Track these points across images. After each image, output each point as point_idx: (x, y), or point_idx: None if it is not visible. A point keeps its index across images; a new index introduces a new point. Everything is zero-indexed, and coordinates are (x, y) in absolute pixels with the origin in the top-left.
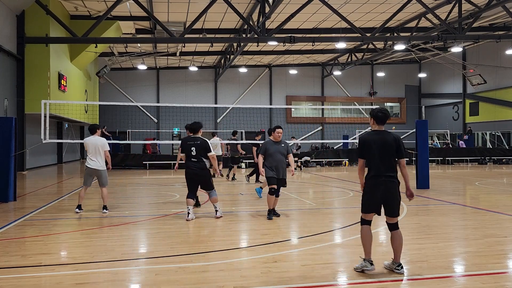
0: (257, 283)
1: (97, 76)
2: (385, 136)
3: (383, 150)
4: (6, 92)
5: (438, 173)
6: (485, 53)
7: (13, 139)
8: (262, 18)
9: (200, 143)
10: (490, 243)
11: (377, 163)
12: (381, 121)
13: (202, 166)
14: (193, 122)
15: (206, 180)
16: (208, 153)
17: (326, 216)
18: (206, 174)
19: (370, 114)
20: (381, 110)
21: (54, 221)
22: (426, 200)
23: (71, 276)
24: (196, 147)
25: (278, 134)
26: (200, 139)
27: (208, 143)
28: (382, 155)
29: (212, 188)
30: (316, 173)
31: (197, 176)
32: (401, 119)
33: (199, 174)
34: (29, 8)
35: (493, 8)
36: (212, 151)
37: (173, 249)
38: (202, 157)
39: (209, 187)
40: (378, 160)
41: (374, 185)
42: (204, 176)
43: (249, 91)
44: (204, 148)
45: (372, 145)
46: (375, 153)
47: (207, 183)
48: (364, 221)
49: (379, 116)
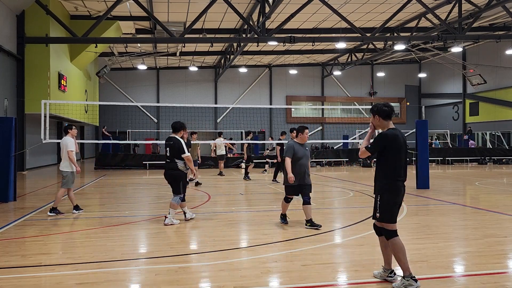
0: (257, 283)
1: (97, 76)
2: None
3: (406, 152)
4: (6, 92)
5: (438, 173)
6: (485, 53)
7: (13, 139)
8: (262, 18)
9: (173, 143)
10: (490, 243)
11: (403, 166)
12: (388, 116)
13: (174, 167)
14: (176, 121)
15: (175, 182)
16: (182, 154)
17: (326, 216)
18: (176, 175)
19: (373, 111)
20: (385, 104)
21: (54, 221)
22: (426, 200)
23: (71, 276)
24: (170, 147)
25: (307, 135)
26: (174, 139)
27: (182, 144)
28: (405, 158)
29: (178, 193)
30: (316, 173)
31: (168, 177)
32: (401, 119)
33: (169, 174)
34: (29, 8)
35: (493, 8)
36: (187, 152)
37: (173, 249)
38: (175, 158)
39: (176, 190)
40: (403, 163)
41: (401, 192)
42: (174, 177)
43: (249, 91)
44: (177, 149)
45: (402, 146)
46: (402, 155)
47: (176, 186)
48: (395, 232)
49: (385, 111)
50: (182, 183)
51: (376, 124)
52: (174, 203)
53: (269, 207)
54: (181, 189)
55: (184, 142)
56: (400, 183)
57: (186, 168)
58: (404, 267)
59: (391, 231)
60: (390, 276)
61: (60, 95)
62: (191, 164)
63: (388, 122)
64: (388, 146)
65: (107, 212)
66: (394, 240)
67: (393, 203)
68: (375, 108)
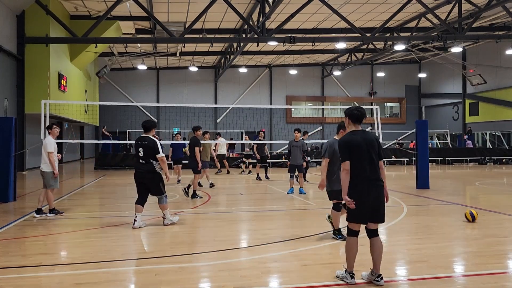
0: (257, 283)
1: (97, 76)
2: (369, 136)
3: (370, 151)
4: (6, 92)
5: (438, 173)
6: (485, 53)
7: (13, 139)
8: (262, 18)
9: (148, 143)
10: (490, 243)
11: (365, 166)
12: (358, 120)
13: (150, 168)
14: (146, 120)
15: (154, 184)
16: (156, 154)
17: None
18: (154, 177)
19: (345, 113)
20: (357, 108)
21: (54, 221)
22: (426, 200)
23: (71, 276)
24: (143, 147)
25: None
26: (148, 139)
27: (157, 144)
28: (370, 157)
29: (161, 194)
30: (316, 173)
31: (144, 179)
32: (401, 119)
33: (146, 177)
34: (29, 8)
35: (493, 8)
36: (161, 153)
37: (173, 249)
38: (150, 158)
39: (158, 192)
40: (366, 163)
41: (365, 191)
42: (152, 180)
43: (249, 91)
44: (151, 149)
45: (360, 146)
46: (363, 155)
47: (155, 188)
48: (352, 231)
49: (354, 115)
50: (162, 183)
51: (346, 125)
52: (164, 204)
53: (269, 207)
54: (163, 189)
55: (158, 142)
56: (364, 183)
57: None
58: (347, 264)
59: (349, 229)
60: (377, 280)
61: (60, 95)
62: (165, 166)
63: (355, 126)
64: (346, 148)
65: (107, 212)
66: (348, 239)
67: (358, 204)
68: (347, 111)
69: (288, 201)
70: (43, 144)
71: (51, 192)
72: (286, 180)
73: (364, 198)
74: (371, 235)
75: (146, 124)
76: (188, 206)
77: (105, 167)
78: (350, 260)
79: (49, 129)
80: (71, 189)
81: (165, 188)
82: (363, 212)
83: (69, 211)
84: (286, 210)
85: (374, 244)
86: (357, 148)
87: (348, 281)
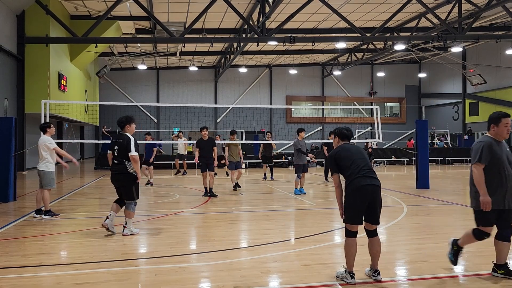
0: (257, 283)
1: (97, 76)
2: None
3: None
4: (6, 92)
5: (438, 173)
6: (485, 53)
7: (13, 139)
8: (262, 18)
9: (122, 141)
10: (490, 243)
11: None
12: (346, 137)
13: (122, 169)
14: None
15: (125, 187)
16: (128, 152)
17: (326, 216)
18: (126, 179)
19: (334, 133)
20: (346, 128)
21: (54, 221)
22: (426, 200)
23: (71, 276)
24: (118, 146)
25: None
26: (124, 136)
27: (131, 142)
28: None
29: (131, 199)
30: (316, 173)
31: (117, 181)
32: (401, 119)
33: (118, 179)
34: (29, 8)
35: (493, 8)
36: (133, 151)
37: (173, 249)
38: (123, 158)
39: (129, 196)
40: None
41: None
42: (123, 182)
43: (249, 91)
44: (125, 148)
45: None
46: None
47: (127, 191)
48: (350, 232)
49: (343, 133)
50: (135, 187)
51: (334, 144)
52: (130, 211)
53: (269, 207)
54: (135, 194)
55: (133, 140)
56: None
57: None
58: (347, 264)
59: (346, 230)
60: (374, 276)
61: (60, 95)
62: (137, 165)
63: (343, 142)
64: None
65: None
66: (346, 240)
67: (353, 205)
68: (336, 130)
69: (288, 201)
70: (41, 143)
71: (48, 193)
72: (287, 180)
73: (359, 200)
74: (370, 235)
75: (119, 120)
76: (188, 206)
77: (105, 167)
78: (349, 260)
79: (46, 128)
80: (71, 189)
81: (138, 194)
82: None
83: (69, 211)
84: (286, 210)
85: (372, 242)
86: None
87: (348, 281)
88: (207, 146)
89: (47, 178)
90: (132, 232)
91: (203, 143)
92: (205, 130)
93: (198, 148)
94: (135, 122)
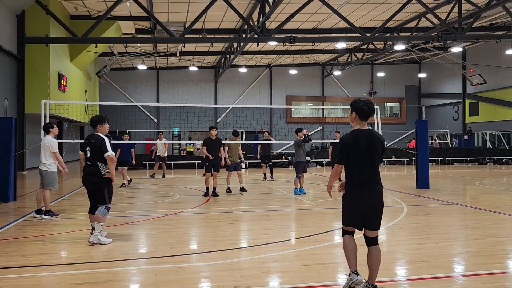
0: (257, 283)
1: (97, 76)
2: (373, 134)
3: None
4: (6, 92)
5: (438, 173)
6: (485, 53)
7: (13, 139)
8: (262, 18)
9: (95, 142)
10: (490, 243)
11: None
12: (366, 116)
13: (94, 171)
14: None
15: (98, 190)
16: (104, 153)
17: (326, 216)
18: (99, 182)
19: (352, 106)
20: (366, 103)
21: (54, 221)
22: (426, 200)
23: (71, 276)
24: (90, 147)
25: None
26: (96, 137)
27: (105, 142)
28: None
29: (103, 203)
30: (316, 173)
31: (89, 184)
32: (401, 119)
33: (90, 181)
34: (29, 8)
35: (493, 8)
36: (110, 151)
37: (173, 249)
38: (96, 160)
39: (100, 200)
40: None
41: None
42: (96, 185)
43: (249, 91)
44: (98, 149)
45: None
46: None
47: (99, 195)
48: (346, 231)
49: (364, 110)
50: (108, 190)
51: (351, 120)
52: (99, 215)
53: (269, 207)
54: (107, 198)
55: (107, 140)
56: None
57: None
58: (348, 264)
59: (343, 230)
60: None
61: (60, 95)
62: (113, 166)
63: (361, 122)
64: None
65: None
66: (343, 239)
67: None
68: (356, 104)
69: (288, 201)
70: (44, 144)
71: (49, 192)
72: (286, 180)
73: (356, 202)
74: (369, 244)
75: (91, 119)
76: (188, 206)
77: None
78: (349, 260)
79: (50, 128)
80: (71, 189)
81: (111, 199)
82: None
83: (69, 211)
84: (286, 210)
85: (371, 252)
86: (357, 149)
87: (355, 279)
88: (214, 146)
89: (49, 178)
90: (99, 241)
91: (210, 142)
92: (214, 129)
93: (205, 147)
94: (109, 122)
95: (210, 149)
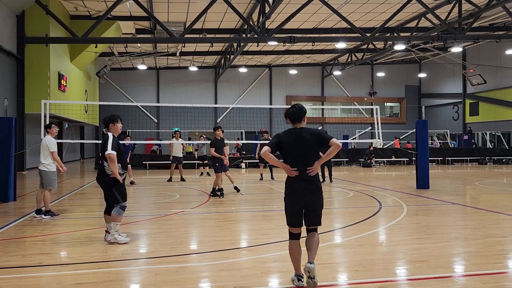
0: (257, 283)
1: (97, 76)
2: (301, 134)
3: (301, 149)
4: (6, 92)
5: (438, 173)
6: (485, 53)
7: (13, 139)
8: (262, 18)
9: (103, 140)
10: (490, 243)
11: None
12: (295, 118)
13: (101, 170)
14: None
15: (107, 190)
16: (105, 151)
17: (326, 216)
18: (106, 182)
19: (285, 114)
20: (292, 107)
21: (54, 221)
22: (426, 200)
23: (71, 276)
24: (100, 146)
25: None
26: (104, 135)
27: (108, 140)
28: (301, 156)
29: (116, 202)
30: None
31: (99, 183)
32: (401, 119)
33: (99, 180)
34: (29, 8)
35: (493, 8)
36: (109, 150)
37: (173, 249)
38: (103, 159)
39: (113, 199)
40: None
41: (289, 193)
42: (104, 184)
43: (249, 91)
44: (103, 147)
45: (288, 145)
46: (293, 153)
47: (110, 195)
48: (291, 234)
49: (289, 113)
50: (117, 190)
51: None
52: (115, 214)
53: (269, 207)
54: (119, 197)
55: (112, 138)
56: (290, 183)
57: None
58: (293, 267)
59: (289, 233)
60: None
61: (60, 95)
62: (114, 165)
63: (294, 124)
64: (277, 142)
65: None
66: (288, 242)
67: (289, 205)
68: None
69: None
70: (44, 144)
71: (49, 193)
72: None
73: (294, 199)
74: (309, 231)
75: (104, 118)
76: (189, 206)
77: None
78: (294, 263)
79: (48, 128)
80: (71, 189)
81: (124, 197)
82: (294, 215)
83: (69, 211)
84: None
85: (309, 236)
86: (288, 146)
87: (296, 284)
88: (221, 146)
89: (48, 178)
90: (116, 240)
91: (218, 143)
92: (219, 130)
93: (213, 148)
94: (121, 121)
95: (219, 150)
